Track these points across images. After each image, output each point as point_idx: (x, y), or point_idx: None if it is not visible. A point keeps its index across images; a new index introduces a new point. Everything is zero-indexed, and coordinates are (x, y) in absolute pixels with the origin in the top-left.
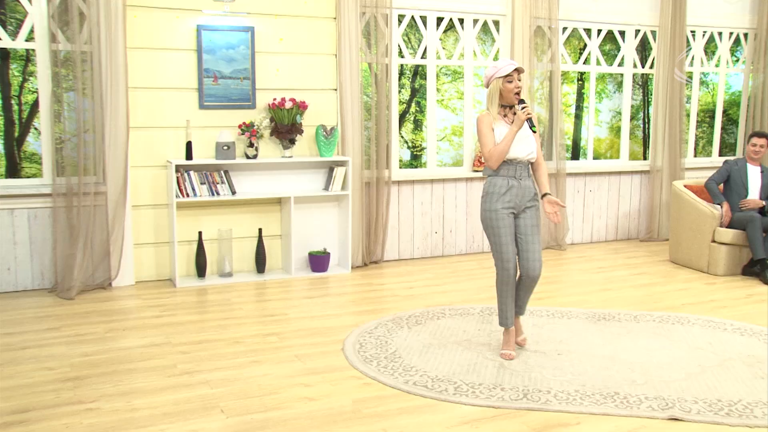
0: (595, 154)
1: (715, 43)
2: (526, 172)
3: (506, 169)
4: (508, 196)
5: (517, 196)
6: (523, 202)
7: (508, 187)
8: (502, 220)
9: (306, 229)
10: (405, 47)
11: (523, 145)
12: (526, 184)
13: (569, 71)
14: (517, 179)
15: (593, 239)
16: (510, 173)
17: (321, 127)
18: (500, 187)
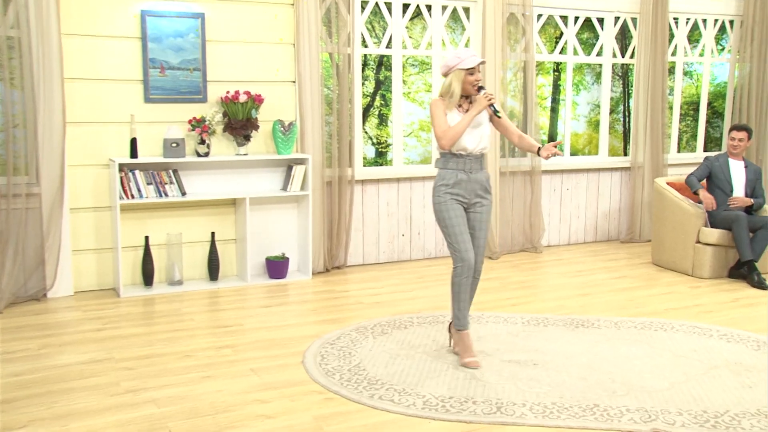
0: (572, 149)
1: (699, 30)
2: (478, 165)
3: (456, 161)
4: (457, 188)
5: (467, 190)
6: (473, 195)
7: (457, 180)
8: (453, 210)
9: (263, 233)
10: (368, 36)
11: (474, 137)
12: (477, 178)
13: (544, 61)
14: (467, 172)
15: (571, 241)
16: (460, 166)
17: (278, 122)
18: (449, 179)
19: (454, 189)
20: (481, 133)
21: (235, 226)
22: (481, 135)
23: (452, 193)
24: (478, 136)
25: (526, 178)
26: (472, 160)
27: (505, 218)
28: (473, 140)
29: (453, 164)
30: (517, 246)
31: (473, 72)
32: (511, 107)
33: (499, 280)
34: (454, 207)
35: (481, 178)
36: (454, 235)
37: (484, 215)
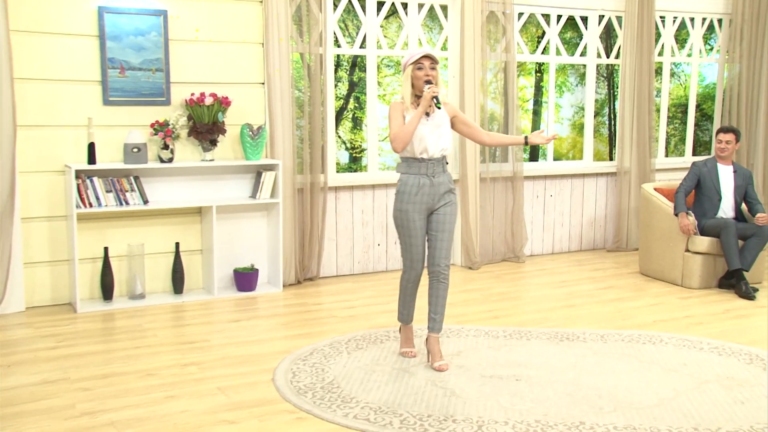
0: (555, 154)
1: (687, 30)
2: (441, 167)
3: (418, 166)
4: (420, 196)
5: (430, 195)
6: (435, 199)
7: (420, 186)
8: (413, 222)
9: (230, 243)
10: (341, 35)
11: (434, 139)
12: (440, 181)
13: (526, 62)
14: (429, 176)
15: (554, 250)
16: (422, 171)
17: (246, 126)
18: (411, 186)
19: (417, 197)
20: (440, 134)
21: (200, 236)
22: (440, 136)
23: (413, 200)
24: (438, 138)
25: (508, 184)
26: (435, 164)
27: (485, 226)
28: (434, 142)
29: (415, 169)
30: (499, 256)
31: (421, 66)
32: (492, 110)
33: (480, 292)
34: (414, 218)
35: (444, 180)
36: (409, 246)
37: (449, 216)
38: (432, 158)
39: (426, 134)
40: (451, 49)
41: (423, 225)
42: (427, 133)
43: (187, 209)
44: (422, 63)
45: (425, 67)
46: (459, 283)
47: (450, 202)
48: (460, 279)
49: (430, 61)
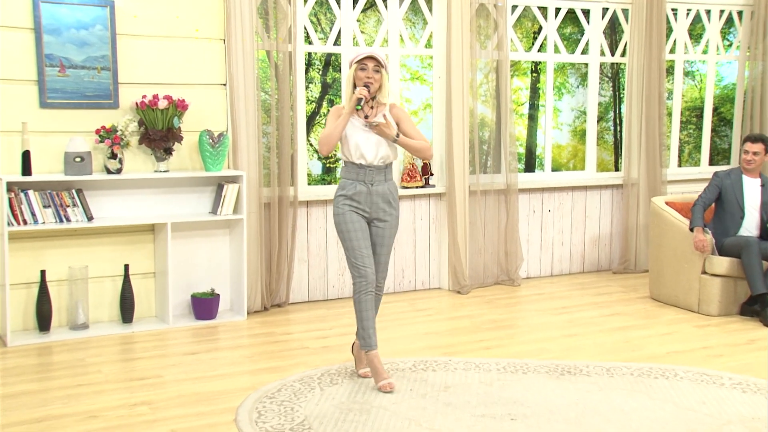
0: (554, 164)
1: (703, 24)
2: (381, 176)
3: (356, 172)
4: (356, 201)
5: (367, 203)
6: (374, 209)
7: (356, 190)
8: (352, 222)
9: (188, 265)
10: (313, 31)
11: (372, 146)
12: (378, 190)
13: (521, 61)
14: (367, 184)
15: (554, 272)
16: (360, 177)
17: (206, 132)
18: (348, 189)
19: (353, 200)
20: (381, 141)
21: (153, 258)
22: (381, 142)
23: (351, 204)
24: (377, 144)
25: (501, 197)
26: (374, 172)
27: (475, 245)
28: (371, 149)
29: (353, 174)
30: (491, 278)
31: (364, 67)
32: (482, 114)
33: (470, 319)
34: (353, 219)
35: (384, 190)
36: (352, 249)
37: (387, 230)
38: (371, 165)
39: (362, 140)
40: (436, 46)
41: (364, 227)
42: (364, 139)
43: (138, 227)
44: (365, 64)
45: (368, 69)
46: (446, 309)
47: (390, 215)
48: (447, 305)
49: (375, 62)
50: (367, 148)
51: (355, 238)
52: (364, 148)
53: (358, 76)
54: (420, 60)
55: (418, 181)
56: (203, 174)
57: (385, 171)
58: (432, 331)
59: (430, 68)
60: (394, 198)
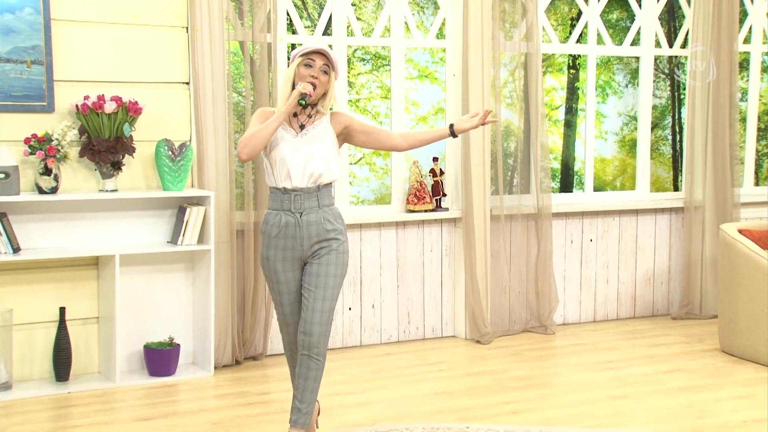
0: (597, 182)
1: None
2: (314, 201)
3: (280, 199)
4: (282, 239)
5: (297, 239)
6: (307, 247)
7: (281, 225)
8: (276, 274)
9: (141, 308)
10: (298, 18)
11: (300, 161)
12: (311, 220)
13: (555, 54)
14: (293, 214)
15: (597, 316)
16: (285, 205)
17: (164, 143)
18: (272, 225)
19: (278, 240)
20: (311, 154)
21: (97, 299)
22: (311, 157)
23: (276, 247)
24: (306, 159)
25: (530, 223)
26: (302, 197)
27: (499, 283)
28: (299, 166)
29: (277, 202)
30: (519, 324)
31: (310, 64)
32: (507, 121)
33: (493, 375)
34: (278, 269)
35: (320, 219)
36: (276, 303)
37: (326, 267)
38: (297, 189)
39: (289, 154)
40: (450, 37)
41: (294, 278)
42: (291, 152)
43: (78, 260)
44: (312, 59)
45: (314, 67)
46: (463, 363)
47: (331, 245)
48: (464, 358)
49: (324, 60)
50: (293, 165)
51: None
52: (291, 164)
53: (300, 73)
54: (430, 53)
55: (428, 204)
56: (160, 194)
57: (318, 194)
58: (445, 391)
59: (442, 63)
60: (335, 228)
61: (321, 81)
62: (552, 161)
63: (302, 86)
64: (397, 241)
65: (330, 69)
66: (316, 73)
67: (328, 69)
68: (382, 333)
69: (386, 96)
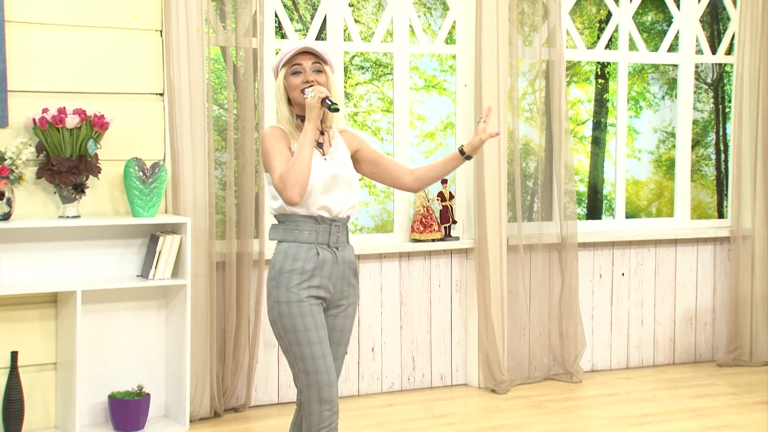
0: (629, 208)
1: None
2: (345, 236)
3: (312, 230)
4: (318, 277)
5: (333, 278)
6: (337, 290)
7: (318, 261)
8: (311, 318)
9: (105, 352)
10: (287, 20)
11: (341, 188)
12: (347, 258)
13: (581, 62)
14: (332, 248)
15: (630, 362)
16: (321, 238)
17: (135, 162)
18: (304, 260)
19: (314, 278)
20: (349, 180)
21: (54, 341)
22: (350, 183)
23: (311, 285)
24: (346, 185)
25: (553, 255)
26: (339, 229)
27: (517, 324)
28: (340, 193)
29: (309, 234)
30: (540, 371)
31: (298, 70)
32: (526, 137)
33: (511, 430)
34: (314, 311)
35: (351, 257)
36: (313, 360)
37: (349, 320)
38: (336, 219)
39: (325, 177)
40: (461, 42)
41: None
42: (327, 175)
43: (34, 297)
44: (299, 64)
45: (305, 71)
46: (476, 415)
47: (353, 295)
48: (477, 409)
49: (312, 59)
50: (333, 195)
51: (315, 341)
52: (331, 191)
53: (290, 84)
54: (438, 61)
55: (436, 232)
56: (130, 221)
57: (347, 226)
58: None
59: (452, 72)
60: (357, 271)
61: (319, 81)
62: (578, 184)
63: (314, 93)
64: (400, 274)
65: (322, 64)
66: (309, 76)
67: (321, 65)
68: (383, 381)
69: (388, 109)
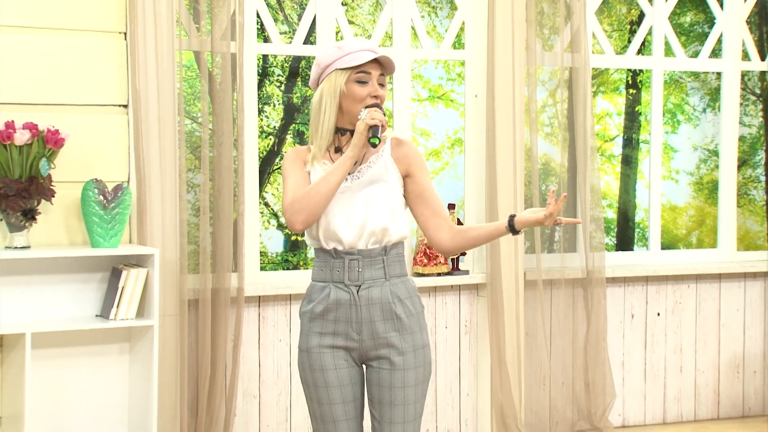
0: (665, 238)
1: None
2: (379, 270)
3: (327, 266)
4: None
5: (353, 325)
6: (368, 337)
7: (330, 302)
8: (320, 372)
9: (59, 403)
10: (271, 21)
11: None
12: (376, 297)
13: (609, 69)
14: (348, 287)
15: (667, 416)
16: (335, 275)
17: (95, 184)
18: (315, 302)
19: (327, 321)
20: (368, 203)
21: (0, 392)
22: (369, 206)
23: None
24: (363, 209)
25: (577, 291)
26: (362, 263)
27: (537, 371)
28: (351, 219)
29: (324, 271)
30: (563, 426)
31: (366, 78)
32: (546, 156)
33: None
34: (326, 366)
35: (384, 296)
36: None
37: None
38: (353, 251)
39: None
40: (471, 46)
41: (350, 380)
42: (342, 201)
43: None
44: (368, 72)
45: (372, 81)
46: None
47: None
48: None
49: (380, 70)
50: (343, 219)
51: (326, 400)
52: (339, 218)
53: (355, 94)
54: (444, 68)
55: (442, 265)
56: (88, 252)
57: (385, 260)
58: None
59: (460, 81)
60: (409, 311)
61: (382, 98)
62: (605, 209)
63: (367, 114)
64: None
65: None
66: (375, 90)
67: (384, 79)
68: None
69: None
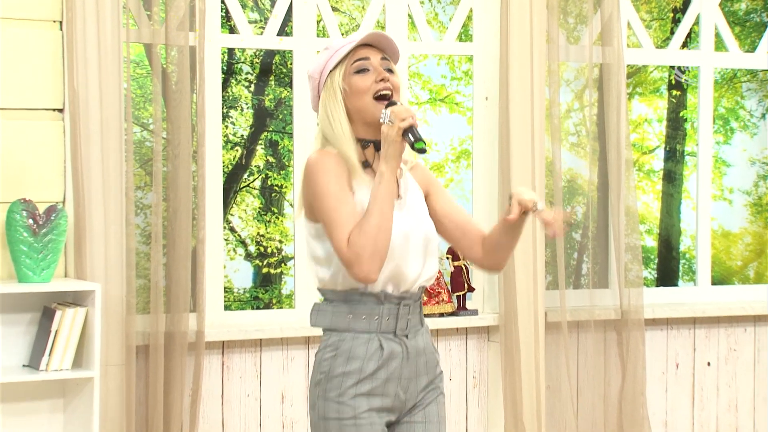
0: (717, 271)
1: None
2: (418, 316)
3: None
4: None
5: (404, 380)
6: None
7: (383, 359)
8: None
9: None
10: (238, 8)
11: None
12: (421, 347)
13: (648, 66)
14: (399, 337)
15: None
16: (385, 325)
17: (23, 206)
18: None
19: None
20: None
21: None
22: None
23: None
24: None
25: (609, 335)
26: (411, 309)
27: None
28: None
29: (369, 320)
30: None
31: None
32: (572, 170)
33: None
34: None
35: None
36: None
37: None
38: (405, 294)
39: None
40: (480, 38)
41: None
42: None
43: None
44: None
45: (375, 67)
46: None
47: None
48: None
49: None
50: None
51: None
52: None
53: (356, 87)
54: (449, 66)
55: (446, 303)
56: (14, 289)
57: (420, 305)
58: None
59: (467, 81)
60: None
61: (394, 85)
62: (644, 236)
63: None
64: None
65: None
66: (381, 73)
67: (390, 63)
68: None
69: None
